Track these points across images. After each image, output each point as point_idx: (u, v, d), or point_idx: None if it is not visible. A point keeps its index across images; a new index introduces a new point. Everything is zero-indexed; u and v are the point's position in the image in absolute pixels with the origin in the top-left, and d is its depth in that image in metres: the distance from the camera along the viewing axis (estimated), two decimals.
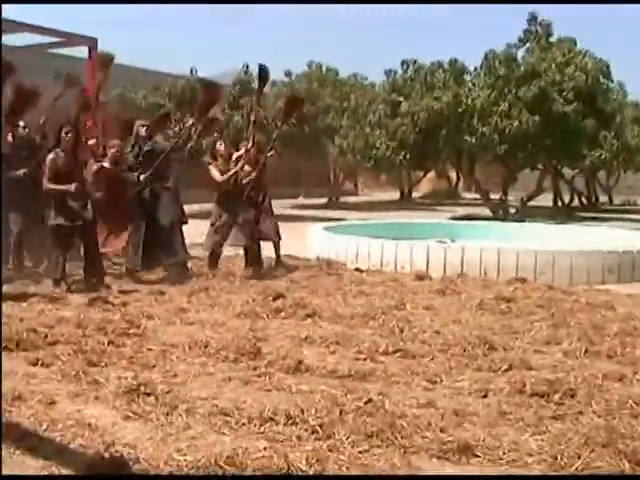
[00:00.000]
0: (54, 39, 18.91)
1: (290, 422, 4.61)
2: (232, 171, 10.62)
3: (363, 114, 21.83)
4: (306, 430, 4.51)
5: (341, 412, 4.79)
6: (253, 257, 10.91)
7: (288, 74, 27.97)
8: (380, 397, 5.16)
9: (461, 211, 27.01)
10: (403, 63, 22.00)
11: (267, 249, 11.41)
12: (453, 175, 40.27)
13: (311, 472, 3.92)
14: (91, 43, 18.20)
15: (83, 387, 5.28)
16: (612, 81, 21.18)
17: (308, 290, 9.54)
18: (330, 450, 4.22)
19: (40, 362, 5.86)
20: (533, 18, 21.64)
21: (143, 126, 10.35)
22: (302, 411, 4.71)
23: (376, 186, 46.02)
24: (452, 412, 4.95)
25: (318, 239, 13.20)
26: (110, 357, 6.05)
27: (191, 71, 23.11)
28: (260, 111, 11.79)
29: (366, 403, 5.04)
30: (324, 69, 28.10)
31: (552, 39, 21.63)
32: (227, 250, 11.21)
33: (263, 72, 11.36)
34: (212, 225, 10.78)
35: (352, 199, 35.53)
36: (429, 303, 8.90)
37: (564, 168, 24.94)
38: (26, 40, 18.05)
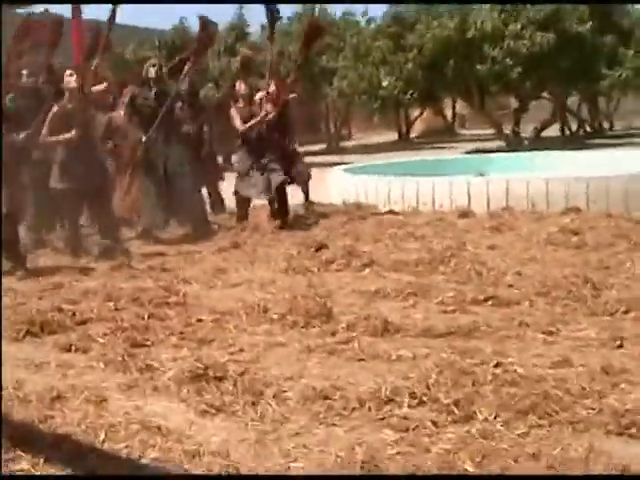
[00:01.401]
0: None
1: (416, 402, 3.58)
2: (256, 119, 9.49)
3: (366, 52, 20.52)
4: (439, 411, 3.50)
5: (473, 383, 3.76)
6: (281, 205, 9.80)
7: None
8: (509, 359, 4.14)
9: (468, 147, 25.87)
10: None
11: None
12: (448, 113, 39.09)
13: (477, 471, 2.90)
14: None
15: (134, 375, 4.24)
16: None
17: (350, 237, 8.49)
18: (484, 437, 3.20)
19: (74, 347, 4.82)
20: None
21: (153, 66, 9.18)
22: (427, 386, 3.67)
23: (369, 128, 44.76)
24: (600, 371, 3.94)
25: (341, 183, 12.11)
26: (156, 333, 5.01)
27: (180, 21, 21.80)
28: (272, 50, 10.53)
29: (495, 367, 4.02)
30: (317, 10, 26.61)
31: None
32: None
33: (274, 10, 10.14)
34: (238, 172, 9.68)
35: (348, 143, 34.27)
36: (491, 242, 7.90)
37: (573, 94, 23.70)
38: None
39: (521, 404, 3.47)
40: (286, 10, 31.06)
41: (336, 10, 26.85)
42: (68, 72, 8.01)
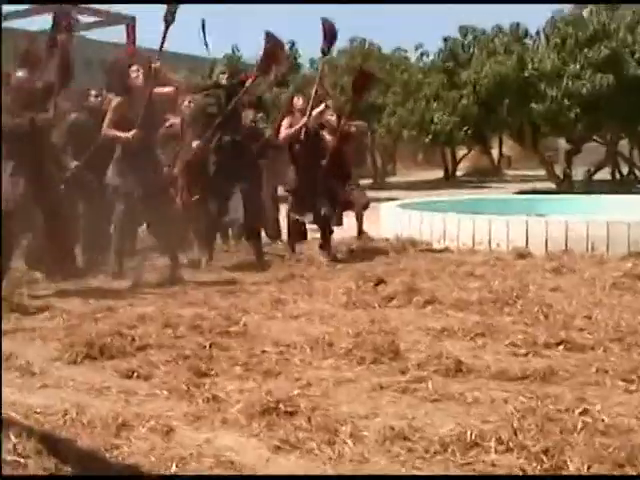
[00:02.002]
0: (87, 19, 17.77)
1: (503, 448, 3.38)
2: (300, 124, 9.35)
3: (417, 87, 20.44)
4: (527, 459, 3.29)
5: (561, 430, 3.55)
6: (324, 237, 9.67)
7: (276, 75, 26.51)
8: (596, 407, 3.92)
9: (515, 187, 25.63)
10: (461, 29, 20.62)
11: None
12: (494, 152, 38.92)
13: None
14: (129, 22, 17.11)
15: (200, 406, 4.07)
16: None
17: (408, 273, 8.31)
18: None
19: (135, 373, 4.66)
20: None
21: (223, 73, 9.12)
22: (515, 432, 3.47)
23: (413, 166, 44.72)
24: None
25: (394, 218, 11.96)
26: (219, 363, 4.85)
27: (233, 50, 21.82)
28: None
29: (582, 414, 3.81)
30: (367, 44, 26.62)
31: None
32: None
33: (330, 29, 9.92)
34: (292, 195, 9.54)
35: (393, 180, 34.16)
36: (554, 284, 7.67)
37: (623, 137, 23.38)
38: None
39: (616, 455, 3.26)
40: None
41: (386, 44, 26.76)
42: (134, 67, 7.89)
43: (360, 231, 10.75)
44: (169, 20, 7.83)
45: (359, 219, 10.72)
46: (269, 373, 4.64)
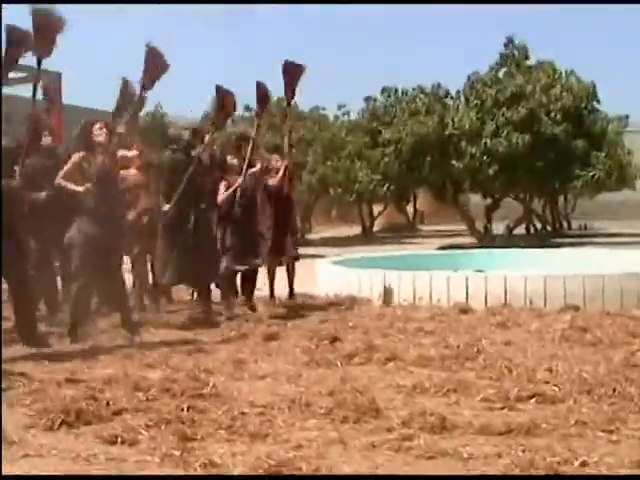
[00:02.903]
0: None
1: None
2: (234, 186, 9.52)
3: (340, 145, 20.75)
4: None
5: None
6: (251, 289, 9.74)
7: (248, 108, 26.64)
8: (589, 458, 4.02)
9: (435, 242, 26.07)
10: (384, 90, 21.07)
11: None
12: (409, 209, 39.55)
13: None
14: (54, 78, 16.98)
15: (199, 472, 4.00)
16: (599, 101, 20.58)
17: (359, 330, 8.38)
18: None
19: (119, 439, 4.55)
20: (510, 42, 20.99)
21: (185, 129, 9.15)
22: None
23: (327, 222, 44.99)
24: None
25: (330, 275, 12.01)
26: (202, 427, 4.78)
27: (155, 107, 21.79)
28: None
29: (582, 466, 3.90)
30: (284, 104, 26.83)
31: (529, 62, 21.03)
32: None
33: (264, 91, 10.14)
34: (225, 248, 9.52)
35: (311, 236, 34.32)
36: (504, 338, 7.85)
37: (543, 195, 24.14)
38: None
39: None
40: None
41: (305, 103, 27.01)
42: (98, 125, 7.82)
43: (291, 294, 10.69)
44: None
45: (290, 275, 10.67)
46: (256, 436, 4.60)
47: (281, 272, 10.67)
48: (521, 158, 18.61)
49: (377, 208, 36.39)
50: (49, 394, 5.60)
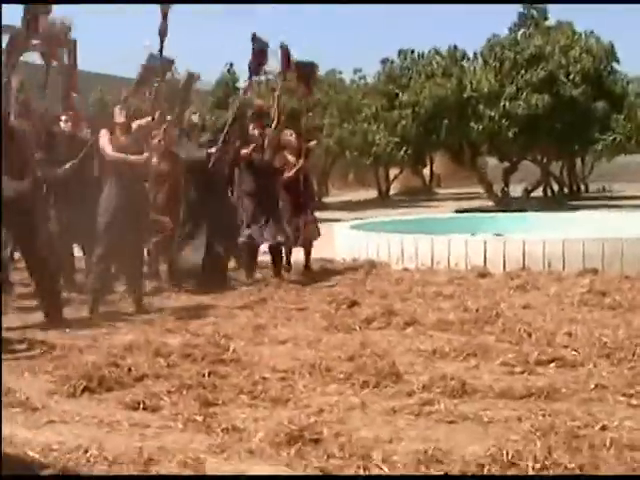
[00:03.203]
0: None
1: (539, 466, 3.45)
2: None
3: (356, 109, 20.65)
4: (564, 476, 3.36)
5: (590, 447, 3.63)
6: (281, 260, 9.74)
7: (264, 72, 26.50)
8: (610, 422, 4.03)
9: (449, 205, 25.96)
10: (400, 52, 20.92)
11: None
12: (425, 172, 39.32)
13: None
14: (70, 46, 16.89)
15: (222, 437, 4.03)
16: (618, 61, 20.32)
17: (377, 294, 8.39)
18: None
19: (142, 405, 4.60)
20: (529, 1, 20.74)
21: (194, 113, 9.13)
22: (549, 450, 3.53)
23: (344, 186, 44.85)
24: None
25: (349, 240, 12.00)
26: (224, 392, 4.82)
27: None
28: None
29: (602, 430, 3.91)
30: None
31: (549, 23, 20.82)
32: None
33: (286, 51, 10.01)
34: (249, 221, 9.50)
35: (328, 199, 34.25)
36: (523, 302, 7.85)
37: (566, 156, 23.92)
38: None
39: None
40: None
41: (321, 67, 26.83)
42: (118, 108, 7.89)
43: (307, 265, 10.42)
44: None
45: (307, 253, 10.40)
46: (277, 400, 4.64)
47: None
48: (540, 120, 18.48)
49: (393, 171, 36.24)
50: (71, 361, 5.65)
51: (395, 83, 20.77)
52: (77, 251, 9.06)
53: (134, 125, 7.91)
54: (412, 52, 20.93)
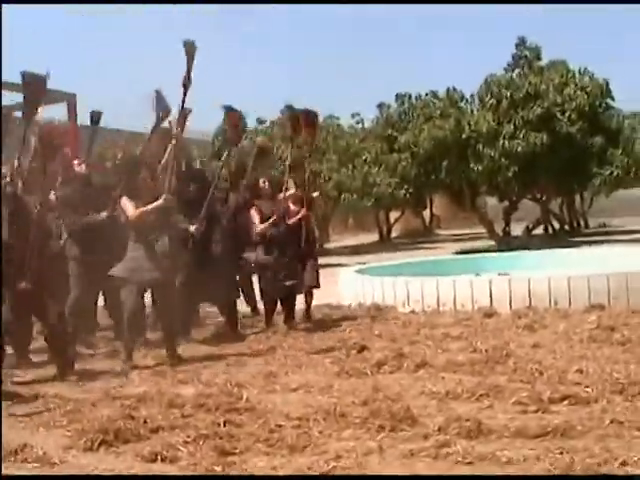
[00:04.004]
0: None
1: None
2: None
3: (356, 153, 20.84)
4: None
5: None
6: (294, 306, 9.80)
7: (261, 121, 26.73)
8: (628, 458, 4.04)
9: (453, 246, 26.04)
10: (397, 96, 21.15)
11: None
12: (425, 213, 39.49)
13: None
14: (70, 99, 17.12)
15: None
16: (613, 98, 20.56)
17: (386, 338, 8.42)
18: None
19: (159, 456, 4.60)
20: (522, 42, 21.03)
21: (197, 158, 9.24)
22: None
23: (345, 230, 44.98)
24: None
25: (354, 284, 12.05)
26: (240, 441, 4.83)
27: None
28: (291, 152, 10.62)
29: (622, 465, 3.93)
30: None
31: (542, 62, 21.08)
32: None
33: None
34: (263, 272, 9.56)
35: (329, 245, 34.32)
36: (532, 340, 7.86)
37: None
38: None
39: None
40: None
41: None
42: None
43: (308, 312, 10.31)
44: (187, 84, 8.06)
45: (308, 300, 10.30)
46: (294, 448, 4.64)
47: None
48: (539, 158, 18.63)
49: (393, 214, 36.40)
50: (85, 414, 5.67)
51: (393, 127, 20.98)
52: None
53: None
54: (409, 97, 21.16)
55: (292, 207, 9.85)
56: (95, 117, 9.94)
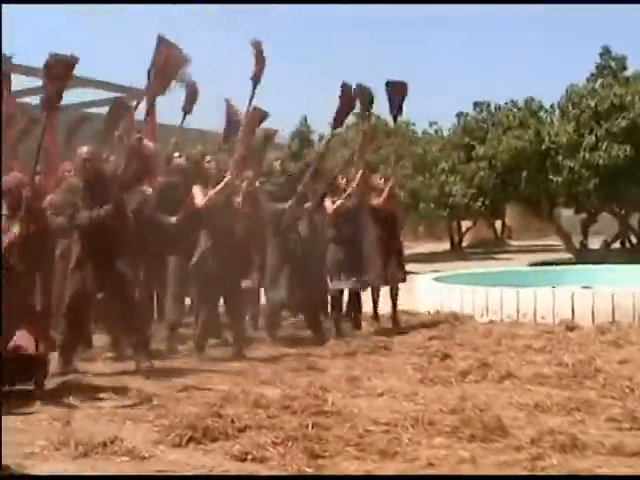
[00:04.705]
0: (108, 94, 17.73)
1: None
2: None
3: (433, 161, 20.71)
4: None
5: None
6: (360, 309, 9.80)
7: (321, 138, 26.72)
8: None
9: (524, 258, 25.66)
10: (476, 105, 20.99)
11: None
12: (497, 223, 39.05)
13: None
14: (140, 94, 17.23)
15: None
16: None
17: (467, 348, 8.31)
18: None
19: (250, 456, 4.59)
20: (606, 52, 20.65)
21: (276, 159, 9.22)
22: None
23: (415, 239, 44.78)
24: None
25: (432, 292, 11.96)
26: (328, 443, 4.79)
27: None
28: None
29: None
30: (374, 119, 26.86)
31: (627, 73, 20.67)
32: None
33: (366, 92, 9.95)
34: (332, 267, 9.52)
35: None
36: (619, 357, 7.68)
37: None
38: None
39: None
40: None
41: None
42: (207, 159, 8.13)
43: (394, 311, 10.31)
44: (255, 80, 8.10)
45: (394, 296, 10.30)
46: (385, 453, 4.59)
47: (384, 290, 10.52)
48: (622, 171, 18.24)
49: (465, 224, 36.08)
50: (171, 410, 5.68)
51: (471, 136, 20.79)
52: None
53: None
54: (488, 105, 20.95)
55: (375, 202, 9.86)
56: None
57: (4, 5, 6.81)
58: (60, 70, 6.57)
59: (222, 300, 8.21)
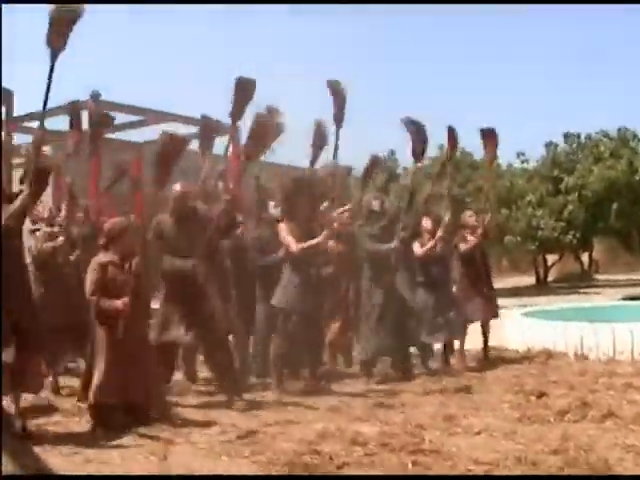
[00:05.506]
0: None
1: None
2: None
3: (518, 194, 20.45)
4: None
5: None
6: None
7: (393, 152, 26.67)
8: None
9: (614, 293, 25.08)
10: (566, 136, 20.70)
11: None
12: (584, 257, 38.34)
13: None
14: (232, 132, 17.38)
15: None
16: None
17: (563, 386, 8.09)
18: None
19: None
20: None
21: (375, 199, 9.10)
22: None
23: (499, 272, 44.24)
24: None
25: (520, 327, 11.72)
26: None
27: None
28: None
29: None
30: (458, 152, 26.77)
31: None
32: None
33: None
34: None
35: None
36: None
37: None
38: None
39: None
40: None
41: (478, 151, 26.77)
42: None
43: (485, 346, 10.22)
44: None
45: (485, 331, 10.19)
46: None
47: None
48: None
49: (551, 257, 35.52)
50: (268, 446, 5.65)
51: (560, 168, 20.49)
52: None
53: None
54: (578, 136, 20.64)
55: (469, 238, 9.71)
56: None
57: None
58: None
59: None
